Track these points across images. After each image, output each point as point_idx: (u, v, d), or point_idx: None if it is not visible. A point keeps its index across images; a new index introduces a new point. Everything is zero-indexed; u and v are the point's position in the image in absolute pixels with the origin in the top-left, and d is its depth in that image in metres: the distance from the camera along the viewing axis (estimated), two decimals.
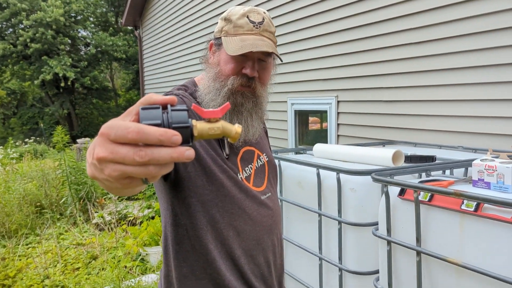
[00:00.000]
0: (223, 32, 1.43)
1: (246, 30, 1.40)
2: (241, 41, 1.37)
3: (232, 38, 1.39)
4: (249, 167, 1.51)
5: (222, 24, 1.45)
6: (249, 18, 1.40)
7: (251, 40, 1.37)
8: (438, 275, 1.87)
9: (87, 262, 4.78)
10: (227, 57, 1.41)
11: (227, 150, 1.41)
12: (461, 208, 1.74)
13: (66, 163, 6.63)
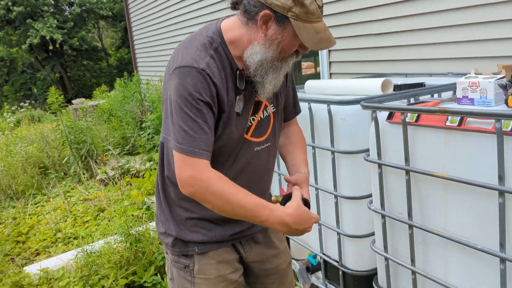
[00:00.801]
0: (292, 14, 1.40)
1: (316, 18, 1.43)
2: (315, 33, 1.43)
3: (305, 26, 1.42)
4: (251, 119, 1.63)
5: (289, 3, 1.40)
6: (316, 2, 1.42)
7: (324, 34, 1.44)
8: (426, 191, 1.97)
9: (95, 215, 4.96)
10: (293, 40, 1.46)
11: (240, 109, 1.55)
12: (446, 125, 1.81)
13: (64, 123, 6.67)
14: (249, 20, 1.46)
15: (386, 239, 2.24)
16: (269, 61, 1.48)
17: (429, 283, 2.06)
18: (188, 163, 1.42)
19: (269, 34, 1.45)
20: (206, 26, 1.59)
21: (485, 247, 1.70)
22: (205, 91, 1.42)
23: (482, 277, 1.78)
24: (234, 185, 1.47)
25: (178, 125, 1.42)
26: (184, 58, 1.46)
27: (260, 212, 1.47)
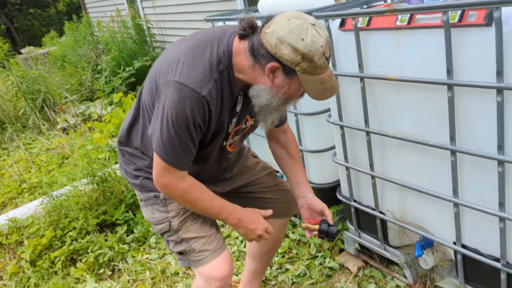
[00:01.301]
0: (300, 68, 1.43)
1: (323, 69, 1.46)
2: (321, 84, 1.47)
3: (312, 78, 1.45)
4: (238, 135, 1.76)
5: (298, 59, 1.41)
6: (325, 55, 1.44)
7: (328, 83, 1.49)
8: (381, 96, 1.98)
9: (59, 163, 4.85)
10: (298, 87, 1.50)
11: (230, 129, 1.66)
12: (396, 25, 1.78)
13: (13, 73, 6.31)
14: (256, 64, 1.47)
15: (346, 150, 2.28)
16: (274, 106, 1.54)
17: (388, 186, 2.14)
18: (168, 171, 1.56)
19: (276, 82, 1.48)
20: (218, 36, 1.55)
21: (437, 142, 1.75)
22: (200, 116, 1.48)
23: (435, 172, 1.84)
24: (204, 192, 1.67)
25: (167, 137, 1.50)
26: (190, 76, 1.47)
27: (219, 215, 1.74)
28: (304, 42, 1.38)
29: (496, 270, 1.74)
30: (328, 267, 2.52)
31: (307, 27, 1.39)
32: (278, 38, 1.40)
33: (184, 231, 1.78)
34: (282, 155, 2.00)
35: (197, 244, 1.76)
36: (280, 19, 1.42)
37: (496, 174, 1.58)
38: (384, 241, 2.33)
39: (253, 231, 1.77)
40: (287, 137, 2.01)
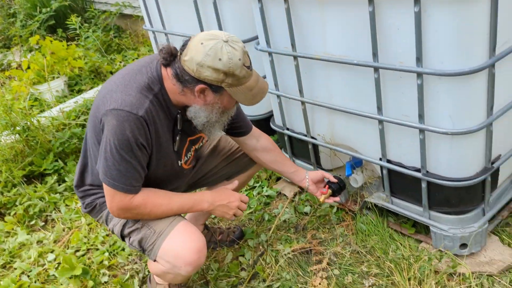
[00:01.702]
0: (226, 84, 1.52)
1: (248, 78, 1.56)
2: (249, 91, 1.58)
3: (239, 88, 1.55)
4: (191, 151, 1.84)
5: (221, 77, 1.50)
6: (245, 65, 1.52)
7: (257, 88, 1.60)
8: (305, 18, 1.93)
9: None
10: (231, 99, 1.60)
11: (176, 147, 1.72)
12: None
13: None
14: (185, 88, 1.56)
15: (276, 78, 2.25)
16: (214, 121, 1.64)
17: (317, 111, 2.15)
18: (119, 196, 1.59)
19: (208, 101, 1.58)
20: (145, 64, 1.63)
21: (361, 60, 1.75)
22: (141, 136, 1.54)
23: (360, 91, 1.86)
24: (157, 199, 1.68)
25: (112, 163, 1.54)
26: (124, 100, 1.53)
27: (184, 209, 1.74)
28: (222, 61, 1.47)
29: (417, 180, 1.84)
30: (266, 196, 2.57)
31: (220, 46, 1.47)
32: (197, 63, 1.48)
33: None
34: (268, 158, 2.05)
35: (159, 224, 1.71)
36: (195, 44, 1.50)
37: (415, 87, 1.61)
38: (317, 165, 2.39)
39: (229, 206, 1.78)
40: (263, 140, 2.05)
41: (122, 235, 1.79)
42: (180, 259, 1.64)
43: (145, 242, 1.71)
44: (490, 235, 1.92)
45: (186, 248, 1.65)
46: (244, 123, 1.98)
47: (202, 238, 1.70)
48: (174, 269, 1.66)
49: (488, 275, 1.78)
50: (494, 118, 1.62)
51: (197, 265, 1.67)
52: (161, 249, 1.67)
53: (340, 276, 1.94)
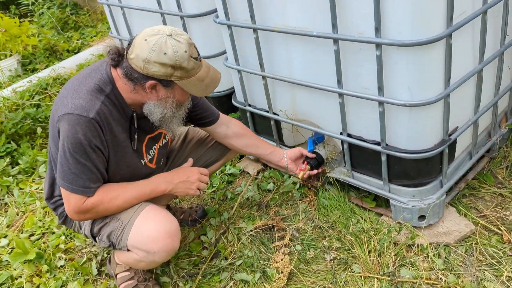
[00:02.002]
0: (175, 77, 1.51)
1: (197, 69, 1.55)
2: (201, 82, 1.57)
3: (190, 80, 1.55)
4: (153, 149, 1.80)
5: (169, 71, 1.49)
6: (192, 57, 1.51)
7: (208, 78, 1.60)
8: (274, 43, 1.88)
9: None
10: (183, 92, 1.59)
11: (135, 146, 1.69)
12: None
13: None
14: (136, 86, 1.54)
15: (236, 52, 2.18)
16: (170, 115, 1.62)
17: (278, 86, 2.11)
18: (74, 199, 1.56)
19: (161, 96, 1.57)
20: (95, 68, 1.61)
21: (320, 32, 1.71)
22: (95, 138, 1.51)
23: (320, 65, 1.83)
24: (113, 190, 1.62)
25: (68, 167, 1.52)
26: (74, 104, 1.51)
27: (143, 195, 1.67)
28: (167, 55, 1.46)
29: (377, 154, 1.84)
30: (229, 174, 2.53)
31: (164, 40, 1.46)
32: (143, 60, 1.47)
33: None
34: (242, 143, 2.03)
35: (126, 214, 1.65)
36: (139, 41, 1.48)
37: (375, 59, 1.59)
38: (280, 141, 2.36)
39: (189, 181, 1.74)
40: (233, 126, 2.01)
41: (93, 235, 1.71)
42: (153, 245, 1.58)
43: (114, 235, 1.64)
44: (447, 206, 1.96)
45: (157, 232, 1.59)
46: (210, 112, 1.94)
47: (173, 221, 1.64)
48: (148, 256, 1.60)
49: (445, 245, 1.81)
50: (451, 90, 1.63)
51: (172, 249, 1.62)
52: (130, 237, 1.60)
53: (302, 252, 1.93)
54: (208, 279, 1.91)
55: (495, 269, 1.68)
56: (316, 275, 1.82)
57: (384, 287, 1.68)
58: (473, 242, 1.81)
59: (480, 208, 1.97)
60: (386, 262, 1.77)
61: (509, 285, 1.60)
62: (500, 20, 1.80)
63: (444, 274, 1.69)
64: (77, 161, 1.51)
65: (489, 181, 2.08)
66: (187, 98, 1.66)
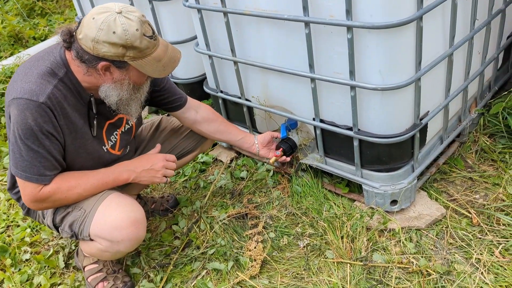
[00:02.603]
0: (128, 57, 1.42)
1: (152, 48, 1.46)
2: (157, 62, 1.48)
3: (145, 60, 1.45)
4: (114, 135, 1.71)
5: (121, 51, 1.40)
6: (146, 35, 1.42)
7: (166, 58, 1.50)
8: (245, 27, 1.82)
9: None
10: (139, 73, 1.49)
11: (94, 132, 1.60)
12: None
13: None
14: (89, 68, 1.45)
15: (207, 36, 2.12)
16: (127, 98, 1.53)
17: (251, 71, 2.07)
18: (29, 187, 1.48)
19: (115, 78, 1.48)
20: (49, 50, 1.52)
21: (292, 15, 1.68)
22: (46, 123, 1.42)
23: (292, 49, 1.79)
24: (73, 178, 1.55)
25: (20, 154, 1.44)
26: (23, 88, 1.42)
27: (105, 184, 1.60)
28: (116, 34, 1.37)
29: (350, 139, 1.82)
30: (202, 162, 2.48)
31: (113, 18, 1.37)
32: (92, 40, 1.38)
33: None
34: (211, 129, 1.97)
35: (88, 202, 1.58)
36: (87, 20, 1.40)
37: (346, 42, 1.57)
38: (253, 128, 2.33)
39: (154, 169, 1.68)
40: (203, 111, 1.95)
41: (56, 225, 1.64)
42: (117, 233, 1.52)
43: (76, 224, 1.57)
44: (419, 191, 1.97)
45: (121, 220, 1.52)
46: (178, 96, 1.87)
47: (138, 208, 1.59)
48: (113, 246, 1.55)
49: (416, 229, 1.82)
50: (422, 73, 1.62)
51: (137, 238, 1.57)
52: (92, 226, 1.54)
53: (276, 239, 1.91)
54: (180, 269, 1.87)
55: (464, 252, 1.70)
56: (290, 262, 1.80)
57: (357, 272, 1.68)
58: (443, 226, 1.82)
59: (450, 192, 1.99)
60: (359, 247, 1.77)
61: (478, 266, 1.63)
62: (470, 4, 1.80)
63: (416, 257, 1.70)
64: (29, 148, 1.43)
65: (459, 166, 2.10)
66: (145, 80, 1.57)
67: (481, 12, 1.90)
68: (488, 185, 1.98)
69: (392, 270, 1.67)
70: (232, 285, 1.74)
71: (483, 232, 1.76)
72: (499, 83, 2.40)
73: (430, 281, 1.60)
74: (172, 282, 1.82)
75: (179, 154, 2.01)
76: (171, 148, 1.99)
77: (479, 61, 2.08)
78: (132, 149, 1.86)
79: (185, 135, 2.02)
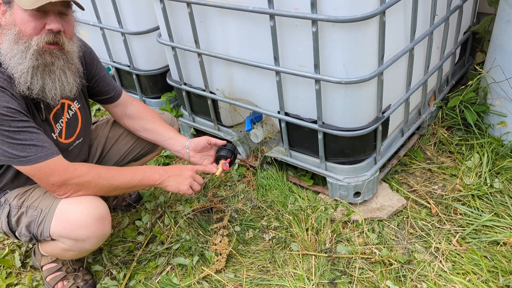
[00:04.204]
0: None
1: None
2: None
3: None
4: (60, 122, 1.58)
5: None
6: None
7: None
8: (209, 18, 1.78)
9: None
10: (24, 15, 1.31)
11: (43, 115, 1.48)
12: None
13: None
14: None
15: (170, 27, 2.07)
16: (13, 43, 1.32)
17: (215, 64, 2.04)
18: (48, 168, 1.38)
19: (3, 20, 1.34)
20: None
21: (256, 7, 1.66)
22: (11, 103, 1.31)
23: (257, 41, 1.78)
24: (101, 167, 1.50)
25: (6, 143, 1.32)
26: None
27: (139, 181, 1.55)
28: None
29: (314, 132, 1.83)
30: (165, 156, 2.44)
31: None
32: None
33: (27, 199, 1.53)
34: (137, 126, 1.83)
35: (45, 202, 1.49)
36: None
37: (311, 35, 1.57)
38: (217, 122, 2.30)
39: (182, 176, 1.61)
40: (134, 106, 1.83)
41: (12, 230, 1.53)
42: (82, 231, 1.45)
43: (33, 225, 1.48)
44: (381, 182, 2.01)
45: (86, 217, 1.45)
46: (111, 88, 1.76)
47: (102, 204, 1.51)
48: (77, 244, 1.47)
49: (378, 220, 1.86)
50: (385, 67, 1.65)
51: (103, 234, 1.50)
52: (53, 225, 1.45)
53: (241, 232, 1.91)
54: (144, 265, 1.83)
55: (424, 241, 1.76)
56: (255, 255, 1.80)
57: (322, 264, 1.70)
58: (404, 216, 1.88)
59: (411, 183, 2.04)
60: (323, 239, 1.79)
61: (437, 255, 1.68)
62: (430, 0, 1.85)
63: (378, 248, 1.74)
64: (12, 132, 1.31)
65: (419, 157, 2.16)
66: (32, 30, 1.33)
67: (440, 8, 1.95)
68: (446, 176, 2.05)
69: (355, 261, 1.70)
70: (198, 280, 1.72)
71: (442, 221, 1.83)
72: (456, 77, 2.48)
73: (392, 270, 1.64)
74: (136, 279, 1.78)
75: (138, 154, 1.91)
76: (129, 149, 1.88)
77: (438, 56, 2.14)
78: (85, 141, 1.74)
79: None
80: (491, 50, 2.13)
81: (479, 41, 2.52)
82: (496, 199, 1.87)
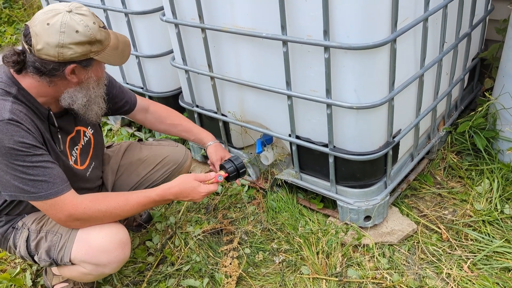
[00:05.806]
0: (93, 53, 1.39)
1: (108, 38, 1.44)
2: (115, 49, 1.46)
3: (106, 52, 1.43)
4: (75, 149, 1.64)
5: (87, 48, 1.36)
6: (101, 27, 1.40)
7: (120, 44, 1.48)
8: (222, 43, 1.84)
9: None
10: (99, 67, 1.48)
11: (61, 146, 1.54)
12: None
13: None
14: (53, 79, 1.39)
15: (184, 51, 2.12)
16: (94, 96, 1.50)
17: (227, 87, 2.08)
18: (57, 205, 1.40)
19: (81, 78, 1.44)
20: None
21: (269, 33, 1.70)
22: (24, 137, 1.34)
23: (269, 66, 1.82)
24: (111, 200, 1.49)
25: (18, 178, 1.34)
26: None
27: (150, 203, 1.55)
28: (80, 33, 1.33)
29: (325, 155, 1.85)
30: None
31: (69, 18, 1.33)
32: (56, 46, 1.32)
33: (46, 224, 1.55)
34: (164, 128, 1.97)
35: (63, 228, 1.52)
36: (41, 28, 1.31)
37: (323, 62, 1.60)
38: (228, 143, 2.33)
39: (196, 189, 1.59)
40: (152, 112, 1.94)
41: (31, 254, 1.54)
42: (104, 257, 1.47)
43: (54, 249, 1.49)
44: (391, 206, 2.02)
45: (108, 243, 1.47)
46: (126, 99, 1.85)
47: (123, 229, 1.53)
48: (98, 269, 1.49)
49: (389, 245, 1.86)
50: (396, 93, 1.68)
51: (123, 259, 1.52)
52: (74, 251, 1.47)
53: (251, 255, 1.91)
54: (154, 286, 1.83)
55: (435, 267, 1.75)
56: (265, 278, 1.80)
57: None
58: (415, 241, 1.87)
59: (421, 208, 2.04)
60: (334, 263, 1.79)
61: (449, 281, 1.67)
62: (439, 28, 1.89)
63: (389, 273, 1.73)
64: (24, 167, 1.33)
65: (428, 182, 2.17)
66: (104, 71, 1.55)
67: (449, 35, 1.99)
68: (456, 201, 2.05)
69: (366, 286, 1.70)
70: None
71: (452, 247, 1.82)
72: (464, 102, 2.50)
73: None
74: None
75: (149, 186, 1.90)
76: (140, 181, 1.90)
77: (447, 82, 2.17)
78: (97, 166, 1.77)
79: (155, 166, 1.92)
80: (499, 77, 2.15)
81: (487, 67, 2.55)
82: (507, 225, 1.87)
